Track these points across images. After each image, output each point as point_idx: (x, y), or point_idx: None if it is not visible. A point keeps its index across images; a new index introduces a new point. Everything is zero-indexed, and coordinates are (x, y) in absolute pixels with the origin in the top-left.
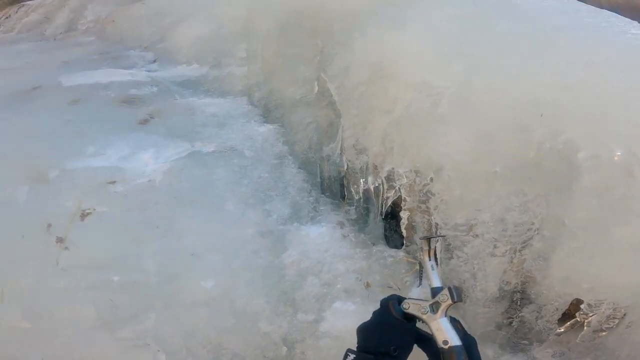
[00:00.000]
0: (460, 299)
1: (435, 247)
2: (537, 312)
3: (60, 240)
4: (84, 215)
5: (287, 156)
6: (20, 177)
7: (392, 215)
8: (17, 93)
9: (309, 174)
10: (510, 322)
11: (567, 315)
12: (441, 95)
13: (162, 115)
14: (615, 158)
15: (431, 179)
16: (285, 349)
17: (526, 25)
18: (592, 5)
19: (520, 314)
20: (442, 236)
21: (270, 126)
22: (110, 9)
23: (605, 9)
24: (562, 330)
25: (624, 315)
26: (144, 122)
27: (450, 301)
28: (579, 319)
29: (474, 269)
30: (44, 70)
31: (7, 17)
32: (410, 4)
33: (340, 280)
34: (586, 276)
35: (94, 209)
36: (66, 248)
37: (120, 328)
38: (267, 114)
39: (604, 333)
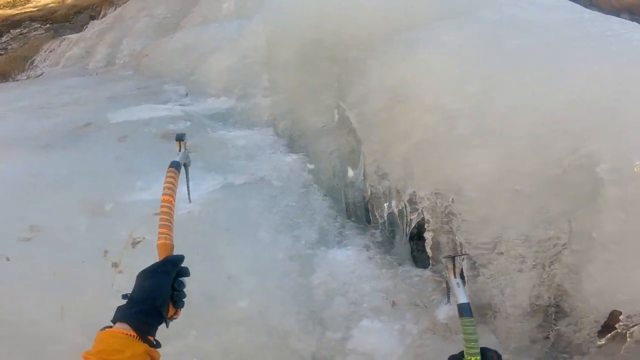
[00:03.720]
0: None
1: (461, 265)
2: (575, 325)
3: (115, 265)
4: (135, 243)
5: (313, 184)
6: (81, 209)
7: (418, 236)
8: (72, 129)
9: (334, 200)
10: (547, 336)
11: (609, 327)
12: (457, 117)
13: (198, 149)
14: (636, 169)
15: (452, 200)
16: None
17: (534, 41)
18: (604, 7)
19: (555, 328)
20: (464, 255)
21: (295, 156)
22: (143, 42)
23: (617, 9)
24: (603, 342)
25: None
26: None
27: None
28: (619, 331)
29: (501, 285)
30: (92, 106)
31: (51, 51)
32: (421, 28)
33: (366, 300)
34: (622, 288)
35: (144, 238)
36: (120, 272)
37: (165, 344)
38: (292, 144)
39: None
